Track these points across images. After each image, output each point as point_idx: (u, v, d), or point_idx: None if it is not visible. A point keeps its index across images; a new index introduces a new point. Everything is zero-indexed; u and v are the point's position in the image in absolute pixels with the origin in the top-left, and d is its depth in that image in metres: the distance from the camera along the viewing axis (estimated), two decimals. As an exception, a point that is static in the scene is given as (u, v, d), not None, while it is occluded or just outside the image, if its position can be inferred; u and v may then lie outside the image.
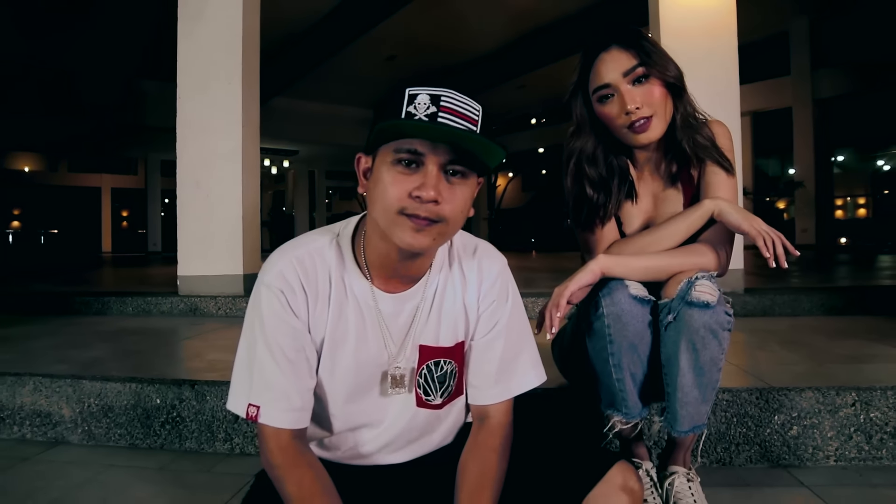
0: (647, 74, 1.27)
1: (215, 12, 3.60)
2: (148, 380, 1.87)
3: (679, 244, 1.27)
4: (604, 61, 1.29)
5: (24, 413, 1.92)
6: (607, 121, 1.31)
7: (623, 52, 1.28)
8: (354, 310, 1.01)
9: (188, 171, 3.57)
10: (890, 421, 1.64)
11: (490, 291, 1.07)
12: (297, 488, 0.93)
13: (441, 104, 0.89)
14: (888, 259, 8.60)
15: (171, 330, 3.01)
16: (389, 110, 0.91)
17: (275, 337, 0.96)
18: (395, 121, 0.88)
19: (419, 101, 0.89)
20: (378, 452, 1.07)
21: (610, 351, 1.22)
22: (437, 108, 0.89)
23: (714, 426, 1.64)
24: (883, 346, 2.30)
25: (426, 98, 0.90)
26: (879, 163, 22.11)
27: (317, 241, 1.02)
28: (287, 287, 0.97)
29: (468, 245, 1.10)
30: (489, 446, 1.04)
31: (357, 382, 1.02)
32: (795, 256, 1.18)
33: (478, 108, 0.94)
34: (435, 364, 1.04)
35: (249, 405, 0.96)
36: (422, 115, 0.88)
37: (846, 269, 6.46)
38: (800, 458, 1.63)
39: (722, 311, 1.17)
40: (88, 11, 11.00)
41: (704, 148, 1.31)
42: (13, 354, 2.35)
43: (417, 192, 0.88)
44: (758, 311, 3.21)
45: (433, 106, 0.89)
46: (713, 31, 3.35)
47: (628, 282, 1.21)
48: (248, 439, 1.78)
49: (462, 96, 0.93)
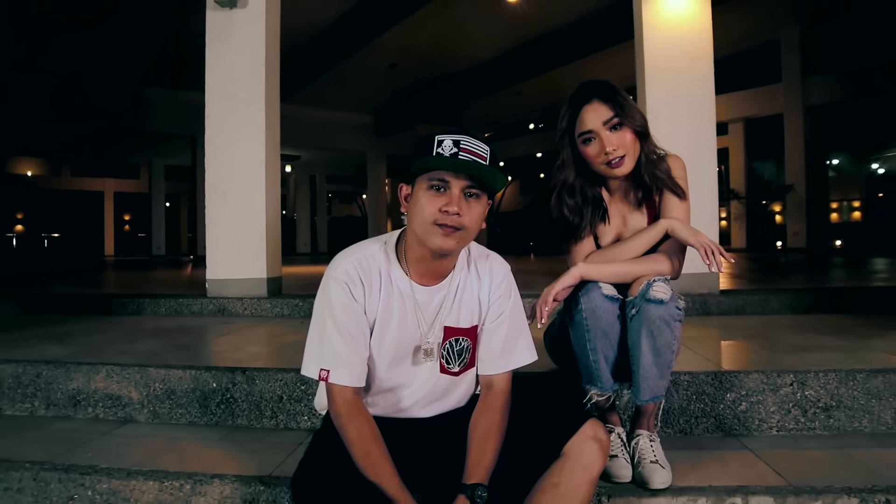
0: (621, 123, 1.62)
1: (241, 37, 3.96)
2: (205, 367, 2.22)
3: (641, 254, 1.64)
4: (587, 112, 1.65)
5: (97, 396, 2.27)
6: (589, 158, 1.67)
7: (602, 105, 1.63)
8: (398, 298, 1.38)
9: (216, 183, 3.93)
10: (821, 398, 1.99)
11: (498, 289, 1.45)
12: (357, 433, 1.29)
13: (461, 146, 1.29)
14: (873, 261, 8.96)
15: (207, 328, 3.35)
16: (423, 151, 1.30)
17: (340, 317, 1.33)
18: (429, 158, 1.27)
19: (445, 144, 1.29)
20: (411, 408, 1.44)
21: (587, 338, 1.57)
22: (457, 149, 1.28)
23: (677, 402, 2.00)
24: (831, 339, 2.65)
25: (450, 142, 1.29)
26: (874, 166, 22.49)
27: (370, 247, 1.41)
28: (350, 280, 1.35)
29: (482, 253, 1.49)
30: (494, 407, 1.40)
31: (397, 352, 1.40)
32: (731, 263, 1.54)
33: (486, 148, 1.32)
34: (455, 341, 1.42)
35: (321, 370, 1.32)
36: (447, 154, 1.27)
37: (826, 271, 6.82)
38: (747, 429, 1.98)
39: (673, 306, 1.52)
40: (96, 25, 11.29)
41: (662, 180, 1.67)
42: (77, 348, 2.69)
43: (445, 207, 1.28)
44: (731, 310, 3.57)
45: (455, 148, 1.28)
46: (692, 56, 3.70)
47: (602, 284, 1.57)
48: (290, 416, 2.13)
49: (476, 140, 1.32)
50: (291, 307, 3.76)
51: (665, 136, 3.62)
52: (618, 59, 11.68)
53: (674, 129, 3.73)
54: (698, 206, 3.40)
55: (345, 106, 17.31)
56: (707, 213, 3.67)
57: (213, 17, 3.97)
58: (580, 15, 12.20)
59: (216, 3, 3.88)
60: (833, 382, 2.00)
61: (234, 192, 3.90)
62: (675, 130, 3.72)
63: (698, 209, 3.39)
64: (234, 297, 3.82)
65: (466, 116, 19.16)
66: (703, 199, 3.62)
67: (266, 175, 3.91)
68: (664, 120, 3.74)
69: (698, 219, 3.36)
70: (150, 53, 12.55)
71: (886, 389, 2.00)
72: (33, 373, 2.31)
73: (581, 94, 1.68)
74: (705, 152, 3.74)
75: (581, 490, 1.31)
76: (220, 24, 3.96)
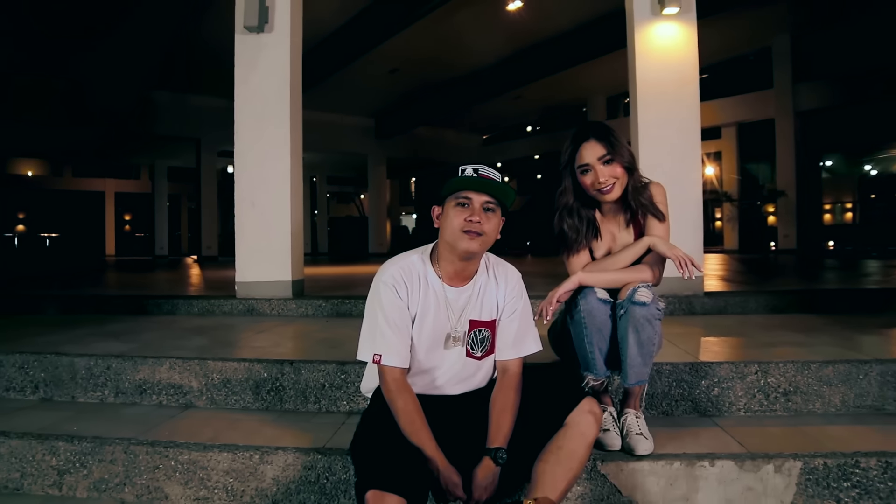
0: (612, 159, 1.99)
1: (268, 60, 4.31)
2: (256, 360, 2.58)
3: (629, 265, 2.01)
4: (585, 148, 2.02)
5: (161, 385, 2.62)
6: (585, 186, 2.04)
7: (598, 144, 2.01)
8: (433, 297, 1.77)
9: (245, 194, 4.29)
10: (781, 384, 2.36)
11: (512, 290, 1.85)
12: (404, 405, 1.66)
13: (479, 172, 1.71)
14: (859, 264, 9.34)
15: (243, 326, 3.70)
16: (450, 177, 1.72)
17: (389, 312, 1.71)
18: (456, 179, 1.71)
19: (467, 171, 1.72)
20: (443, 386, 1.82)
21: (585, 333, 1.94)
22: (476, 174, 1.71)
23: (660, 388, 2.37)
24: (796, 335, 3.03)
25: (471, 170, 1.72)
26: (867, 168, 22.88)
27: (411, 257, 1.81)
28: (397, 283, 1.74)
29: (500, 262, 1.89)
30: (510, 386, 1.78)
31: (433, 339, 1.78)
32: (701, 273, 1.91)
33: (498, 174, 1.73)
34: (478, 331, 1.81)
35: (375, 354, 1.70)
36: (469, 173, 1.70)
37: (808, 273, 7.21)
38: (719, 410, 2.36)
39: (654, 308, 1.88)
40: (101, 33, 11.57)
41: (645, 205, 2.04)
42: (134, 344, 3.05)
43: (469, 217, 1.69)
44: (714, 310, 3.95)
45: (475, 173, 1.71)
46: (680, 81, 4.07)
47: (596, 289, 1.94)
48: (331, 401, 2.49)
49: (490, 168, 1.73)
50: (315, 307, 4.12)
51: (655, 151, 4.06)
52: (612, 65, 12.04)
53: (663, 145, 4.13)
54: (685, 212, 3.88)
55: (346, 109, 17.63)
56: (691, 218, 4.06)
57: (242, 41, 4.32)
58: (577, 23, 12.58)
59: (245, 29, 4.22)
60: (791, 372, 2.37)
61: (262, 201, 4.27)
62: (664, 146, 4.12)
63: (685, 215, 3.85)
64: (262, 297, 4.19)
65: (466, 120, 19.56)
66: (687, 206, 4.03)
67: (291, 186, 4.27)
68: (654, 137, 4.13)
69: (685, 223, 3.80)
70: (159, 59, 12.82)
71: (836, 377, 2.37)
72: (104, 365, 2.67)
73: (581, 133, 2.05)
74: (691, 166, 4.12)
75: (580, 452, 1.68)
76: (248, 48, 4.31)
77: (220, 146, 17.38)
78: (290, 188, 4.27)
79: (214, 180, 16.84)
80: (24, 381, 2.72)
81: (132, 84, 14.42)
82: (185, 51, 12.61)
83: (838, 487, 1.88)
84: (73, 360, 2.69)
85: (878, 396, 2.38)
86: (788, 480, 1.89)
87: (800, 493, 1.89)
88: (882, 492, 1.88)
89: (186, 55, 12.88)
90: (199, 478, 2.04)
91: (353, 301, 4.12)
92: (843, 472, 1.89)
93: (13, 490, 2.14)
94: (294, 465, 1.99)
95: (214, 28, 11.52)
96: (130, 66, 12.93)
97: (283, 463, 2.00)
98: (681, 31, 4.09)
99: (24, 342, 3.13)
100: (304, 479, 1.98)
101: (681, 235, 3.84)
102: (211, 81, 14.77)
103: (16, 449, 2.15)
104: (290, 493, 1.98)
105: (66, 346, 2.95)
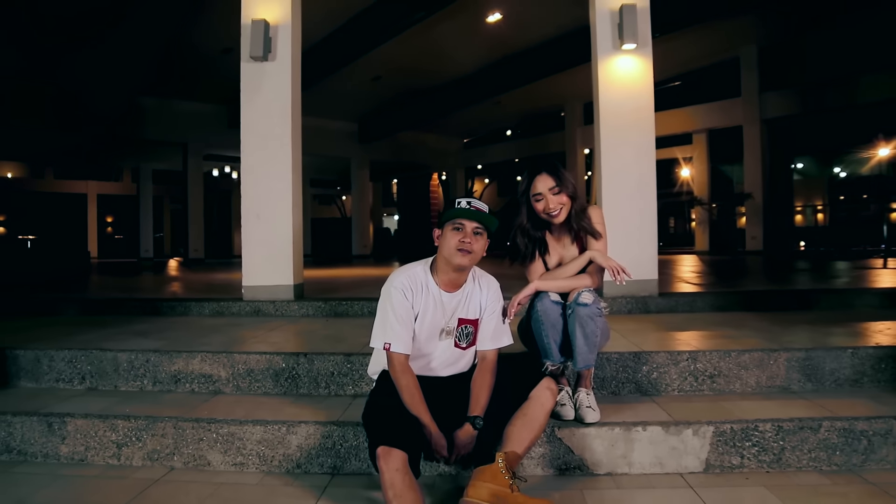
0: (560, 190, 2.53)
1: (271, 85, 4.79)
2: (275, 352, 3.07)
3: (575, 274, 2.54)
4: (538, 180, 2.55)
5: (193, 375, 3.10)
6: (538, 211, 2.57)
7: (548, 176, 2.54)
8: (432, 300, 2.29)
9: (251, 206, 4.76)
10: (707, 369, 2.91)
11: (491, 296, 2.38)
12: (406, 383, 2.18)
13: (471, 204, 2.23)
14: (818, 265, 10.01)
15: (253, 325, 4.17)
16: (449, 207, 2.24)
17: (398, 310, 2.23)
18: (453, 209, 2.22)
19: (462, 203, 2.23)
20: (436, 369, 2.35)
21: (542, 328, 2.47)
22: (469, 205, 2.21)
23: (609, 373, 2.91)
24: (728, 330, 3.60)
25: (465, 202, 2.23)
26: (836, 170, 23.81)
27: (416, 268, 2.32)
28: (405, 288, 2.25)
29: (483, 274, 2.42)
30: (486, 370, 2.30)
31: (429, 333, 2.30)
32: (630, 278, 2.45)
33: (486, 206, 2.26)
34: (464, 327, 2.33)
35: (385, 343, 2.21)
36: (464, 205, 2.22)
37: (762, 274, 7.85)
38: (657, 390, 2.90)
39: (595, 307, 2.42)
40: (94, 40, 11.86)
41: (585, 227, 2.58)
42: (164, 342, 3.51)
43: (462, 239, 2.20)
44: (666, 309, 4.52)
45: (468, 205, 2.22)
46: (637, 108, 4.63)
47: (550, 293, 2.47)
48: (339, 386, 2.99)
49: (480, 202, 2.26)
50: (315, 308, 4.62)
51: (616, 168, 4.57)
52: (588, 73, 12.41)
53: (623, 163, 4.69)
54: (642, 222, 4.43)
55: (330, 114, 17.98)
56: (647, 226, 4.65)
57: (247, 68, 4.80)
58: (553, 35, 13.16)
59: (251, 58, 4.70)
60: (716, 359, 2.93)
61: (266, 214, 4.75)
62: (624, 164, 4.69)
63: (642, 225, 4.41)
64: (267, 300, 4.67)
65: (448, 124, 20.07)
66: (644, 215, 4.60)
67: (292, 200, 4.76)
68: (615, 156, 4.69)
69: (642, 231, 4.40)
70: (150, 66, 13.15)
71: (751, 363, 2.93)
72: (143, 359, 3.14)
73: (535, 168, 2.59)
74: (646, 181, 4.66)
75: (540, 417, 2.21)
76: (253, 75, 4.79)
77: (207, 150, 17.72)
78: (291, 201, 4.76)
79: (201, 184, 17.19)
80: (72, 374, 3.18)
81: (123, 90, 14.72)
82: (175, 58, 12.97)
83: (742, 446, 2.43)
84: (115, 355, 3.16)
85: (785, 378, 2.94)
86: (703, 441, 2.44)
87: (712, 450, 2.44)
88: (775, 449, 2.43)
89: (176, 63, 13.23)
90: (236, 447, 2.53)
91: (349, 302, 4.62)
92: (745, 434, 2.44)
93: (78, 461, 2.61)
94: (314, 434, 2.49)
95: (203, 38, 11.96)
96: (123, 74, 13.25)
97: (306, 433, 2.50)
98: (638, 63, 4.65)
99: (65, 340, 3.58)
100: (323, 446, 2.48)
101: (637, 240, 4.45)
102: (198, 88, 15.15)
103: (81, 427, 2.62)
104: (311, 457, 2.48)
105: (105, 343, 3.40)
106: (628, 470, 2.43)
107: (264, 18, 4.66)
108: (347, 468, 2.47)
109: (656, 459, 2.44)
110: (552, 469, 2.44)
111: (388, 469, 1.93)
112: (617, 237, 4.46)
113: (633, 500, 2.24)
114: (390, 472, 1.92)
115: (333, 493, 2.29)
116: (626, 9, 4.48)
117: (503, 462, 2.05)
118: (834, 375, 2.95)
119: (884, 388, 2.93)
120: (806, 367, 2.95)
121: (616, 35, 4.62)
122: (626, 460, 2.44)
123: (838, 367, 2.96)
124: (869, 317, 4.10)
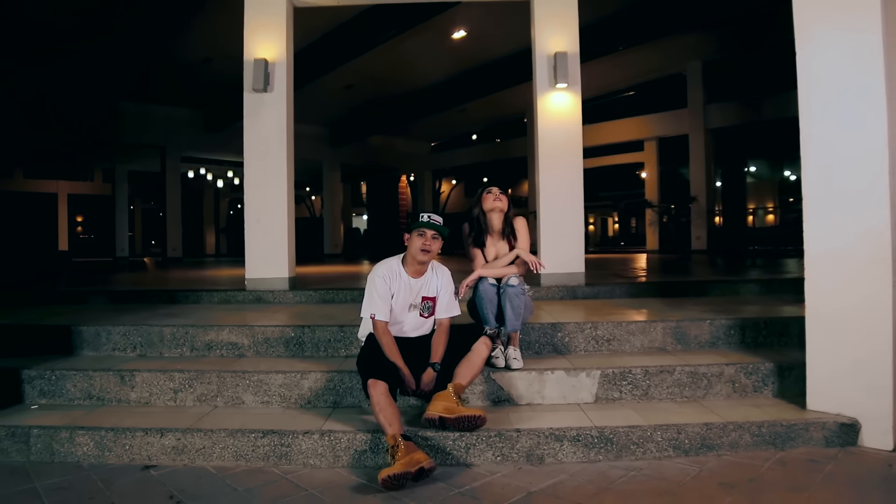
0: (502, 195, 3.62)
1: (269, 112, 5.79)
2: (285, 325, 4.07)
3: (506, 265, 3.63)
4: (488, 192, 3.64)
5: (223, 343, 4.07)
6: (486, 204, 3.67)
7: (498, 189, 3.64)
8: (403, 284, 3.36)
9: (252, 212, 5.74)
10: (605, 335, 4.01)
11: (445, 281, 3.46)
12: (387, 341, 3.24)
13: (431, 217, 3.31)
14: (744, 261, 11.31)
15: (262, 309, 5.12)
16: (415, 219, 3.31)
17: (380, 291, 3.29)
18: (417, 222, 3.29)
19: (423, 217, 3.31)
20: (407, 332, 3.42)
21: (483, 304, 3.54)
22: (429, 218, 3.29)
23: (534, 338, 3.98)
24: (630, 310, 4.73)
25: (426, 216, 3.31)
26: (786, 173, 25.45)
27: (392, 261, 3.40)
28: (384, 275, 3.33)
29: (440, 266, 3.50)
30: (443, 331, 3.39)
31: (402, 307, 3.36)
32: (544, 268, 3.54)
33: (440, 219, 3.33)
34: (426, 302, 3.41)
35: (371, 313, 3.27)
36: (425, 220, 3.29)
37: (688, 269, 9.08)
38: (569, 350, 3.99)
39: (520, 288, 3.50)
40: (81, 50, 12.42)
41: (512, 232, 3.67)
42: (193, 320, 4.46)
43: (424, 242, 3.29)
44: (591, 296, 5.64)
45: (428, 218, 3.30)
46: (568, 133, 5.78)
47: (488, 278, 3.56)
48: (334, 349, 3.99)
49: (437, 216, 3.34)
50: (307, 296, 5.61)
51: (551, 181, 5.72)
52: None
53: (559, 177, 5.80)
54: (571, 228, 5.52)
55: (302, 118, 18.45)
56: (575, 230, 5.78)
57: (249, 98, 5.78)
58: (514, 51, 14.23)
59: (252, 90, 5.67)
60: (611, 327, 4.03)
61: (265, 218, 5.74)
62: (560, 178, 5.80)
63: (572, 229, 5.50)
64: (267, 290, 5.64)
65: (417, 129, 21.07)
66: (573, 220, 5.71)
67: (287, 206, 5.76)
68: (550, 171, 5.80)
69: (570, 233, 5.48)
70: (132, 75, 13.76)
71: (637, 330, 4.04)
72: (183, 332, 4.10)
73: (485, 187, 3.68)
74: (574, 194, 5.82)
75: (478, 362, 3.27)
76: (254, 103, 5.78)
77: (184, 152, 18.37)
78: (286, 207, 5.75)
79: (179, 185, 17.83)
80: (125, 344, 4.12)
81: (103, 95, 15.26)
82: (158, 67, 13.66)
83: (620, 384, 3.53)
84: (161, 329, 4.11)
85: (662, 341, 4.06)
86: (593, 381, 3.53)
87: (600, 387, 3.53)
88: (643, 386, 3.53)
89: (158, 71, 13.91)
90: (263, 390, 3.52)
91: (335, 291, 5.62)
92: (622, 376, 3.53)
93: (144, 404, 3.57)
94: (320, 379, 3.51)
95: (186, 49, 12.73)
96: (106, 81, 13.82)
97: (314, 378, 3.51)
98: (568, 98, 5.78)
99: (115, 318, 4.50)
100: (326, 387, 3.50)
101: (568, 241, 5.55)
102: (177, 94, 15.85)
103: (146, 378, 3.58)
104: (318, 395, 3.50)
105: (148, 321, 4.35)
106: (541, 401, 3.51)
107: (264, 58, 5.65)
108: (344, 403, 3.49)
109: (560, 394, 3.52)
110: (488, 401, 3.50)
111: (375, 393, 2.96)
112: (552, 238, 5.62)
113: (542, 418, 3.31)
114: (377, 395, 2.96)
115: (336, 415, 3.32)
116: (559, 55, 5.61)
117: (452, 389, 3.11)
118: (697, 339, 4.08)
119: (733, 348, 4.06)
120: (677, 333, 4.07)
121: (552, 76, 5.73)
122: (540, 394, 3.51)
123: (700, 333, 4.08)
124: (743, 301, 5.29)
